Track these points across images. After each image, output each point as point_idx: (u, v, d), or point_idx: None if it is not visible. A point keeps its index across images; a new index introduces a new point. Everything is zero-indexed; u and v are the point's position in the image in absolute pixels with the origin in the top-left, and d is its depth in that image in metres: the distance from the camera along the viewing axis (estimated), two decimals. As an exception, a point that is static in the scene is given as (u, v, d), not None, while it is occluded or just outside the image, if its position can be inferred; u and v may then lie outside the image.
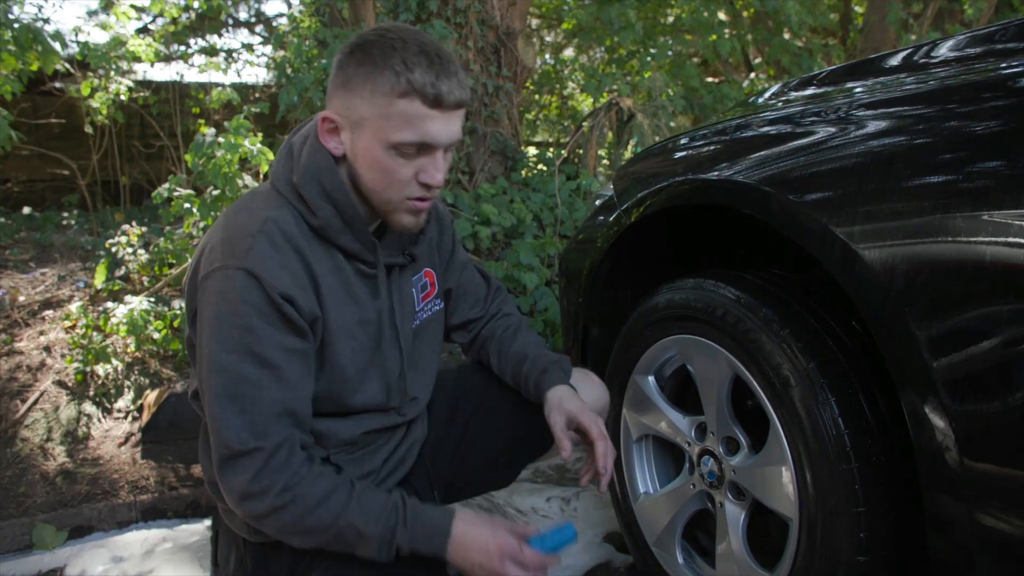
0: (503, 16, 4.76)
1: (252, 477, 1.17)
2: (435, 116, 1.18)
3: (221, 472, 1.19)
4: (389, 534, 1.20)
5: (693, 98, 5.98)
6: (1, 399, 2.65)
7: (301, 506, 1.18)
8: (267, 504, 1.17)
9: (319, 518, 1.18)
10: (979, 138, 1.03)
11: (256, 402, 1.18)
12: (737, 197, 1.37)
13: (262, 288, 1.17)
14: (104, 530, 2.25)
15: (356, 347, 1.33)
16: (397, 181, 1.22)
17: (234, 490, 1.19)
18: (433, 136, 1.19)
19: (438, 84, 1.16)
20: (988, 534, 0.96)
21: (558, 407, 1.43)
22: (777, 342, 1.29)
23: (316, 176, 1.25)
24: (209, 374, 1.19)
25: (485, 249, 4.05)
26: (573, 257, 2.03)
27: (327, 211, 1.25)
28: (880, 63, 1.45)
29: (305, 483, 1.19)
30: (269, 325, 1.18)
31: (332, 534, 1.20)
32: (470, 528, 1.22)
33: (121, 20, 4.27)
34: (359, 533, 1.19)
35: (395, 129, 1.18)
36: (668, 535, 1.66)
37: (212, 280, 1.20)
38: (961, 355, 0.97)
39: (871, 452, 1.19)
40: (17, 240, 4.59)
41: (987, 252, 0.95)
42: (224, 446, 1.17)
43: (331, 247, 1.29)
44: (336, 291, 1.28)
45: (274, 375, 1.19)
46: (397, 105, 1.17)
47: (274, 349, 1.19)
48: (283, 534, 1.22)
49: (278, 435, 1.19)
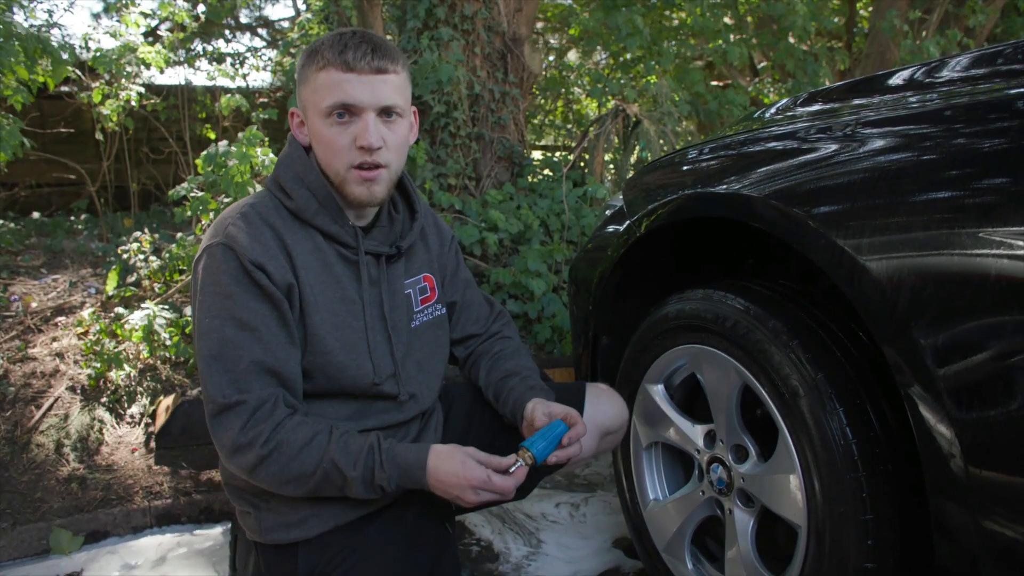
0: (510, 22, 4.79)
1: (239, 430, 1.27)
2: (351, 79, 1.32)
3: (213, 429, 1.31)
4: (369, 474, 1.30)
5: (698, 104, 5.99)
6: (16, 405, 2.68)
7: (286, 453, 1.28)
8: (255, 455, 1.27)
9: (303, 463, 1.29)
10: (985, 155, 1.05)
11: (238, 360, 1.29)
12: (747, 211, 1.40)
13: (236, 258, 1.31)
14: (119, 535, 2.28)
15: (339, 323, 1.41)
16: (338, 148, 1.36)
17: (224, 445, 1.29)
18: (352, 96, 1.33)
19: (345, 52, 1.32)
20: (993, 540, 0.98)
21: (542, 404, 1.46)
22: (786, 353, 1.32)
23: (290, 163, 1.42)
24: (198, 340, 1.32)
25: (492, 255, 4.07)
26: (583, 265, 2.06)
27: (301, 193, 1.39)
28: (887, 80, 1.48)
29: (287, 431, 1.29)
30: (245, 292, 1.31)
31: (319, 478, 1.30)
32: (442, 463, 1.31)
33: (131, 28, 4.30)
34: (342, 475, 1.30)
35: (322, 98, 1.34)
36: (678, 541, 1.68)
37: (199, 262, 1.35)
38: (966, 365, 0.99)
39: (878, 460, 1.21)
40: (28, 246, 4.62)
41: (992, 266, 0.97)
42: (211, 401, 1.29)
43: (309, 228, 1.41)
44: (314, 268, 1.39)
45: (254, 336, 1.31)
46: (319, 79, 1.34)
47: (251, 313, 1.31)
48: (275, 484, 1.32)
49: (261, 391, 1.30)
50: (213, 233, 1.36)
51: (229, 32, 7.94)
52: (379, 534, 1.41)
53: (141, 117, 5.21)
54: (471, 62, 4.63)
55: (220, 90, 5.68)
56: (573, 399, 1.59)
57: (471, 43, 4.62)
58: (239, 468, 1.31)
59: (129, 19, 4.33)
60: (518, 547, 2.17)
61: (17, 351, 2.95)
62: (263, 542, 1.41)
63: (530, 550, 2.16)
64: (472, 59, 4.65)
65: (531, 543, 2.19)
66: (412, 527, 1.45)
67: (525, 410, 1.47)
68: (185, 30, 4.94)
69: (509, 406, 1.53)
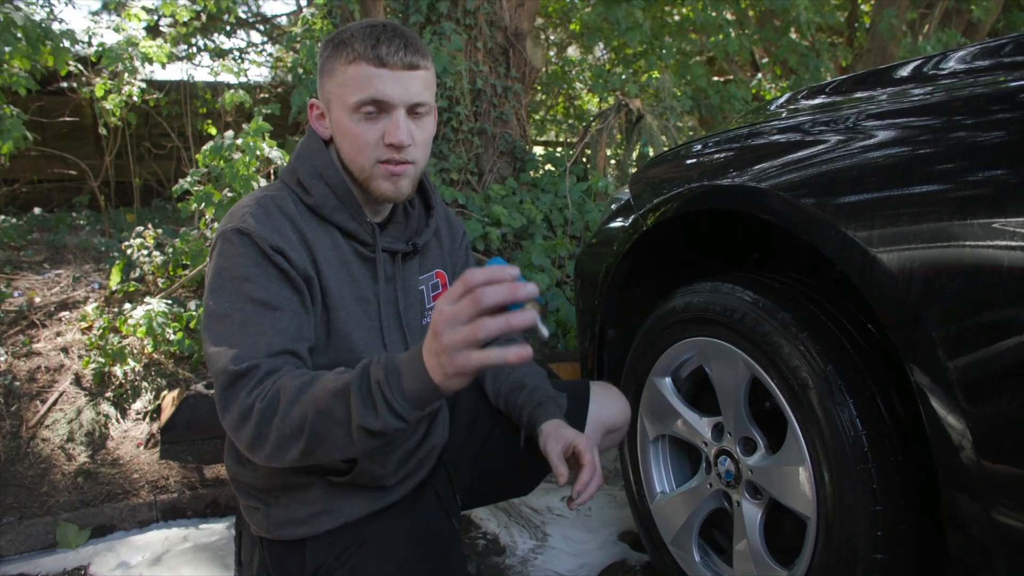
0: (512, 17, 4.78)
1: (246, 394, 1.14)
2: (383, 75, 1.28)
3: (223, 404, 1.17)
4: (365, 378, 1.08)
5: (700, 98, 5.99)
6: (22, 400, 2.68)
7: (283, 400, 1.12)
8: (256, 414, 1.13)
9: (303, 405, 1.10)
10: (996, 146, 1.05)
11: (259, 336, 1.20)
12: (757, 203, 1.40)
13: (254, 243, 1.26)
14: (125, 529, 2.28)
15: (356, 320, 1.37)
16: (365, 144, 1.31)
17: (232, 414, 1.16)
18: (383, 92, 1.28)
19: (379, 46, 1.27)
20: (1006, 532, 0.98)
21: (554, 435, 1.43)
22: (795, 345, 1.32)
23: (309, 157, 1.38)
24: (211, 322, 1.24)
25: (495, 250, 4.07)
26: (589, 259, 2.06)
27: (320, 188, 1.35)
28: (893, 73, 1.48)
29: (285, 377, 1.15)
30: (265, 274, 1.26)
31: (319, 412, 1.09)
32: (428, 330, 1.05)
33: (133, 22, 4.30)
34: (340, 394, 1.08)
35: (352, 93, 1.29)
36: (685, 534, 1.68)
37: (214, 248, 1.31)
38: (978, 356, 1.00)
39: (889, 452, 1.21)
40: (30, 241, 4.62)
41: (1004, 257, 0.97)
42: (223, 373, 1.16)
43: (328, 225, 1.37)
44: (333, 264, 1.35)
45: (273, 316, 1.23)
46: (348, 72, 1.29)
47: (271, 295, 1.25)
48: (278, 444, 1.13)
49: (276, 360, 1.19)
50: (229, 219, 1.31)
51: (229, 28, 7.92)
52: (386, 530, 1.40)
53: (142, 112, 5.20)
54: (473, 57, 4.63)
55: (221, 86, 5.67)
56: (578, 397, 1.60)
57: (473, 38, 4.62)
58: (243, 441, 1.17)
59: (131, 13, 4.32)
60: (524, 540, 2.17)
61: (22, 346, 2.95)
62: (270, 538, 1.40)
63: (536, 543, 2.16)
64: (474, 54, 4.64)
65: (537, 536, 2.19)
66: (419, 522, 1.45)
67: (538, 440, 1.45)
68: (187, 26, 4.93)
69: (524, 427, 1.53)
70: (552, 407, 1.51)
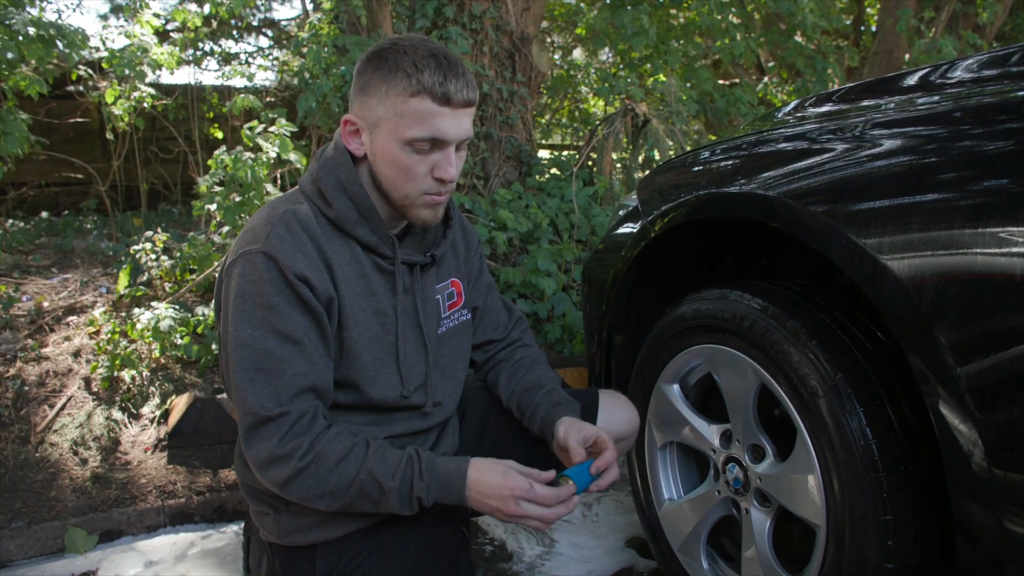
0: (518, 21, 4.79)
1: (278, 441, 1.23)
2: (445, 113, 1.26)
3: (248, 441, 1.26)
4: (408, 486, 1.27)
5: (706, 102, 5.98)
6: (30, 404, 2.69)
7: (323, 465, 1.24)
8: (291, 467, 1.24)
9: (340, 475, 1.25)
10: (1006, 155, 1.05)
11: (280, 374, 1.25)
12: (766, 210, 1.40)
13: (279, 269, 1.26)
14: (133, 534, 2.29)
15: (371, 336, 1.38)
16: (414, 176, 1.30)
17: (260, 457, 1.25)
18: (444, 132, 1.27)
19: (446, 83, 1.25)
20: (1017, 541, 0.98)
21: (575, 426, 1.45)
22: (805, 353, 1.31)
23: (334, 170, 1.35)
24: (235, 349, 1.27)
25: (501, 254, 4.07)
26: (596, 265, 2.06)
27: (343, 202, 1.34)
28: (902, 81, 1.48)
29: (325, 442, 1.26)
30: (288, 304, 1.26)
31: (355, 491, 1.26)
32: (483, 475, 1.28)
33: (144, 28, 4.31)
34: (380, 487, 1.26)
35: (409, 127, 1.26)
36: (693, 541, 1.68)
37: (235, 266, 1.29)
38: (989, 365, 0.99)
39: (899, 461, 1.21)
40: (38, 245, 4.64)
41: (1015, 265, 0.97)
42: (251, 414, 1.24)
43: (348, 239, 1.36)
44: (352, 279, 1.35)
45: (296, 350, 1.27)
46: (409, 104, 1.25)
47: (295, 326, 1.26)
48: (309, 498, 1.27)
49: (302, 403, 1.26)
50: (251, 239, 1.29)
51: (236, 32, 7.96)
52: (397, 536, 1.41)
53: (150, 117, 5.22)
54: (480, 61, 4.64)
55: (228, 90, 5.69)
56: (587, 406, 1.60)
57: (479, 42, 4.62)
58: (272, 482, 1.27)
59: (143, 20, 4.34)
60: (531, 547, 2.17)
61: (30, 350, 2.96)
62: (280, 544, 1.41)
63: (543, 550, 2.16)
64: (481, 58, 4.65)
65: (544, 543, 2.19)
66: (429, 529, 1.45)
67: (556, 431, 1.46)
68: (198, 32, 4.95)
69: (536, 423, 1.53)
70: (570, 407, 1.52)
